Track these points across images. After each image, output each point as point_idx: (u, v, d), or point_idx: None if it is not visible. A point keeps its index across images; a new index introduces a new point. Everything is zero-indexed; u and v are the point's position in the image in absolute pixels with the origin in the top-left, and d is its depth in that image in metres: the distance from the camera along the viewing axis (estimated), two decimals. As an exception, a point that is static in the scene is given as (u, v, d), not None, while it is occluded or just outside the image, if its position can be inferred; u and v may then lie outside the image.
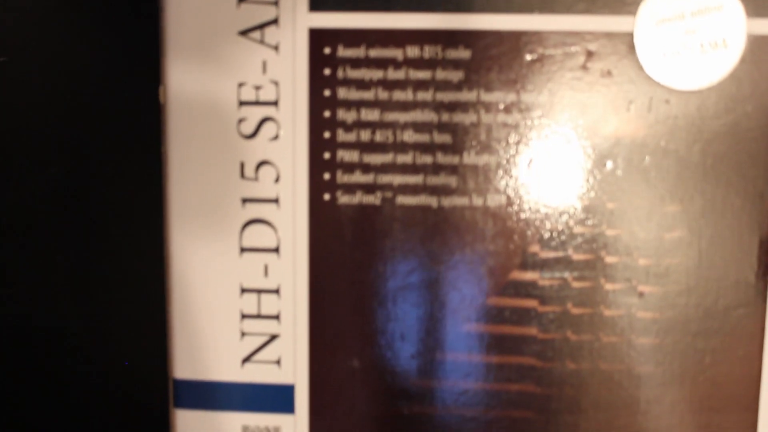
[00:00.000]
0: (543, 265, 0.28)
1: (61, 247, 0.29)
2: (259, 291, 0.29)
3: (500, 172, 0.28)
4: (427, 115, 0.28)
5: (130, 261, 0.29)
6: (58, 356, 0.30)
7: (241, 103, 0.28)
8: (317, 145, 0.28)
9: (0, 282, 0.30)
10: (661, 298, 0.28)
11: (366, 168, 0.28)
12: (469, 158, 0.28)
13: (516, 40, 0.27)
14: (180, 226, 0.29)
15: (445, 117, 0.28)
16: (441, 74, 0.28)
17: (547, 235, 0.28)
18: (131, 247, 0.29)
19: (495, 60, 0.28)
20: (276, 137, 0.28)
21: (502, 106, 0.28)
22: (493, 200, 0.28)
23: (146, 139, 0.29)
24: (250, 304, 0.29)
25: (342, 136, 0.28)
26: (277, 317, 0.29)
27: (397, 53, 0.28)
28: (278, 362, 0.29)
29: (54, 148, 0.29)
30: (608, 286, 0.28)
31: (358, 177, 0.28)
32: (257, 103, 0.28)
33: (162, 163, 0.29)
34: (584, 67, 0.27)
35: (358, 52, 0.28)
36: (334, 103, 0.28)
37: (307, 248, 0.29)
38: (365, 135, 0.28)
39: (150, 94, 0.28)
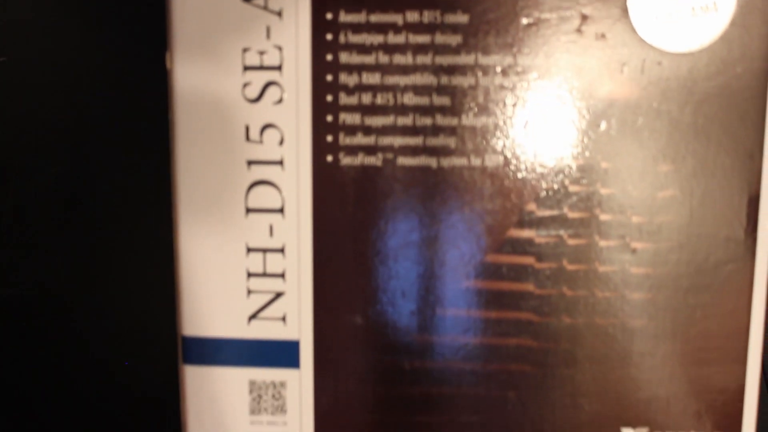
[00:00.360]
0: (539, 223, 0.29)
1: (72, 211, 0.30)
2: (265, 250, 0.30)
3: (498, 133, 0.29)
4: (427, 78, 0.29)
5: (139, 222, 0.30)
6: (67, 316, 0.31)
7: (246, 68, 0.29)
8: (320, 108, 0.29)
9: (18, 250, 0.31)
10: (653, 254, 0.29)
11: (367, 130, 0.29)
12: (468, 120, 0.29)
13: (512, 5, 0.28)
14: (187, 189, 0.30)
15: (444, 80, 0.29)
16: (440, 38, 0.28)
17: (543, 194, 0.29)
18: (139, 208, 0.30)
19: (492, 24, 0.28)
20: (280, 101, 0.29)
21: (499, 69, 0.28)
22: (491, 160, 0.29)
23: (153, 103, 0.29)
24: (256, 263, 0.30)
25: (344, 99, 0.29)
26: (282, 275, 0.30)
27: (397, 18, 0.28)
28: (283, 319, 0.30)
29: (61, 123, 0.30)
30: (602, 243, 0.29)
31: (360, 139, 0.29)
32: (261, 67, 0.29)
33: (169, 127, 0.29)
34: (579, 31, 0.28)
35: (359, 18, 0.29)
36: (336, 67, 0.29)
37: (310, 208, 0.30)
38: (366, 98, 0.29)
39: (156, 60, 0.29)
